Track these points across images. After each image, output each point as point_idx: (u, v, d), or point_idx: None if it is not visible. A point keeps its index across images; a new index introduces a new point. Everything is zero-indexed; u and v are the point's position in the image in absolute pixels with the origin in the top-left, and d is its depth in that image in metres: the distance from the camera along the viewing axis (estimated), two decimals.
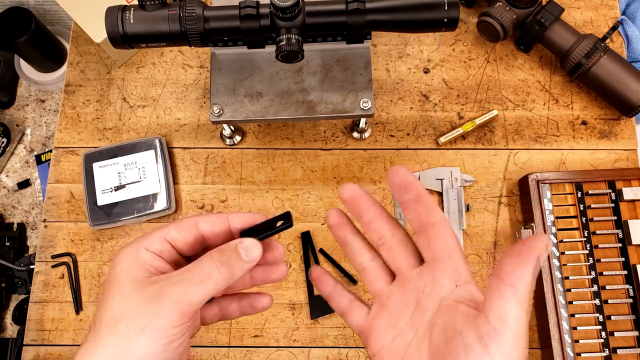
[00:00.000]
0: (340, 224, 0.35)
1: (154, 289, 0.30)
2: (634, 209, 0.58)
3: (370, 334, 0.33)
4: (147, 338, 0.29)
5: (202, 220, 0.33)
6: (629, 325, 0.55)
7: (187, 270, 0.31)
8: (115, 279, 0.31)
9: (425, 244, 0.31)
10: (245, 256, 0.31)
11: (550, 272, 0.56)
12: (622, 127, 0.65)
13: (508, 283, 0.26)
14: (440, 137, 0.64)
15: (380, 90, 0.67)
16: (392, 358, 0.31)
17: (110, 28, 0.48)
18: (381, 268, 0.34)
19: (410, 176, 0.31)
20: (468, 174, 0.64)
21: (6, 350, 1.09)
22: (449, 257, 0.30)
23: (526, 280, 0.26)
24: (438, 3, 0.47)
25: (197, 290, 0.30)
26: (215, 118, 0.55)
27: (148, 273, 0.31)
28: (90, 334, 0.30)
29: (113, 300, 0.30)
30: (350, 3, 0.48)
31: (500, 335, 0.27)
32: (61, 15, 1.25)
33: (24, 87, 1.31)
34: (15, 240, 1.15)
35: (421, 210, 0.31)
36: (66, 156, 0.66)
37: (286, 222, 0.33)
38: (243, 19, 0.48)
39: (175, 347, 0.30)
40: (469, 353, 0.27)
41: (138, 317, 0.29)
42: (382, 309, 0.33)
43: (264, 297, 0.37)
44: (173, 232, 0.33)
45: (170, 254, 0.33)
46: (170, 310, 0.29)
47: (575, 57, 0.61)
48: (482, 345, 0.27)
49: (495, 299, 0.27)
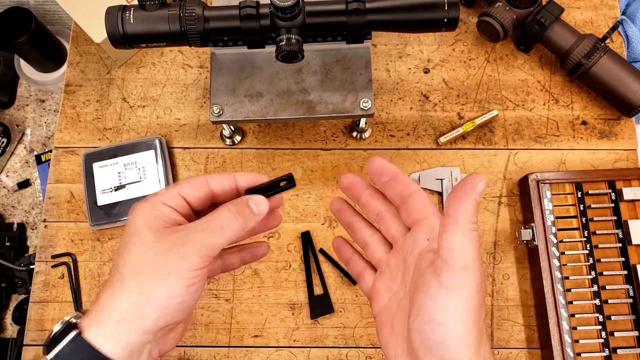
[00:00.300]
0: (342, 209, 0.41)
1: (175, 237, 0.33)
2: (634, 209, 0.58)
3: (372, 298, 0.37)
4: (172, 280, 0.32)
5: (212, 179, 0.37)
6: (629, 325, 0.55)
7: (206, 221, 0.34)
8: (134, 230, 0.34)
9: (406, 213, 0.36)
10: (256, 209, 0.36)
11: (550, 272, 0.56)
12: (622, 127, 0.65)
13: (448, 215, 0.30)
14: (440, 137, 0.64)
15: (380, 90, 0.67)
16: (388, 316, 0.35)
17: (110, 28, 0.48)
18: (380, 241, 0.38)
19: (385, 162, 0.36)
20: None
21: (6, 350, 1.09)
22: (426, 218, 0.35)
23: (465, 210, 0.29)
24: (438, 3, 0.47)
25: (217, 236, 0.34)
26: (215, 118, 0.55)
27: (166, 224, 0.34)
28: (114, 278, 0.33)
29: (136, 248, 0.33)
30: (350, 3, 0.48)
31: (449, 264, 0.29)
32: (61, 15, 1.25)
33: (24, 87, 1.31)
34: (15, 240, 1.15)
35: (398, 186, 0.36)
36: (66, 156, 0.66)
37: (289, 182, 0.37)
38: (243, 19, 0.48)
39: (194, 290, 0.33)
40: (427, 288, 0.30)
41: (163, 262, 0.32)
42: (381, 274, 0.37)
43: (261, 245, 0.42)
44: (187, 189, 0.36)
45: (184, 209, 0.36)
46: (194, 253, 0.32)
47: (575, 57, 0.61)
48: (436, 277, 0.30)
49: (441, 234, 0.30)
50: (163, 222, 0.34)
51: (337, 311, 0.60)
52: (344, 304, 0.60)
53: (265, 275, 0.61)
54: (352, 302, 0.60)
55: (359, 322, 0.60)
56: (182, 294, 0.33)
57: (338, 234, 0.62)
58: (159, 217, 0.34)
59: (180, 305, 0.33)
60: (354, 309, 0.60)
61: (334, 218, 0.63)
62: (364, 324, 0.60)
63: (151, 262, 0.32)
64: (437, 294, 0.29)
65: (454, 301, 0.29)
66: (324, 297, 0.60)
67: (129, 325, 0.31)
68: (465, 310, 0.29)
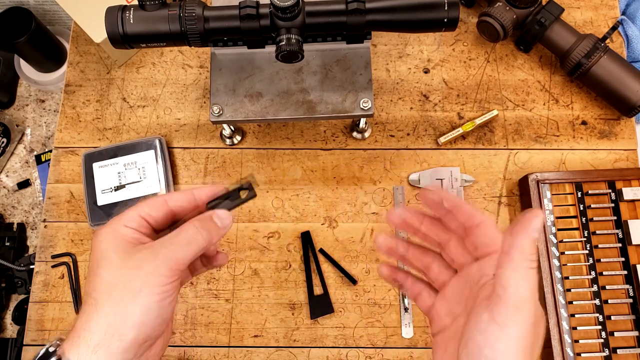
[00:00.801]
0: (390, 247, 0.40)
1: (143, 254, 0.34)
2: (634, 209, 0.58)
3: (432, 318, 0.38)
4: (144, 297, 0.33)
5: (170, 198, 0.38)
6: (629, 325, 0.55)
7: (172, 237, 0.36)
8: (100, 254, 0.35)
9: (473, 245, 0.35)
10: (220, 223, 0.37)
11: (550, 272, 0.56)
12: (622, 127, 0.66)
13: (504, 252, 0.30)
14: (440, 137, 0.64)
15: (380, 90, 0.67)
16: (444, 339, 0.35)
17: (110, 28, 0.48)
18: (443, 264, 0.38)
19: (444, 192, 0.36)
20: (468, 174, 0.64)
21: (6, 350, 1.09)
22: (495, 252, 0.34)
23: (520, 247, 0.29)
24: (438, 3, 0.47)
25: (185, 250, 0.35)
26: (216, 118, 0.55)
27: (131, 245, 0.35)
28: (87, 304, 0.34)
29: (104, 271, 0.34)
30: (350, 3, 0.48)
31: (503, 301, 0.29)
32: (61, 15, 1.25)
33: (24, 87, 1.31)
34: (15, 240, 1.15)
35: (462, 216, 0.35)
36: (66, 156, 0.66)
37: (250, 191, 0.38)
38: (243, 19, 0.48)
39: (168, 303, 0.34)
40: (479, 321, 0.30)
41: (134, 280, 0.33)
42: (443, 297, 0.37)
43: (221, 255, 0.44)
44: (146, 209, 0.37)
45: (145, 229, 0.37)
46: (164, 268, 0.34)
47: (575, 57, 0.61)
48: (489, 312, 0.29)
49: (497, 270, 0.30)
50: (127, 243, 0.35)
51: (337, 311, 0.60)
52: (344, 304, 0.60)
53: (265, 275, 0.61)
54: (352, 302, 0.60)
55: (359, 322, 0.60)
56: (157, 309, 0.33)
57: (338, 233, 0.62)
58: (122, 239, 0.35)
59: (157, 320, 0.34)
60: (354, 309, 0.60)
61: (334, 218, 0.63)
62: (364, 324, 0.60)
63: (122, 282, 0.33)
64: (487, 329, 0.29)
65: (504, 338, 0.29)
66: (324, 297, 0.60)
67: (107, 348, 0.32)
68: (514, 349, 0.29)
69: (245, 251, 0.62)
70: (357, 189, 0.64)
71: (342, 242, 0.62)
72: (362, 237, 0.62)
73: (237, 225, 0.63)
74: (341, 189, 0.64)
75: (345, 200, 0.63)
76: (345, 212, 0.63)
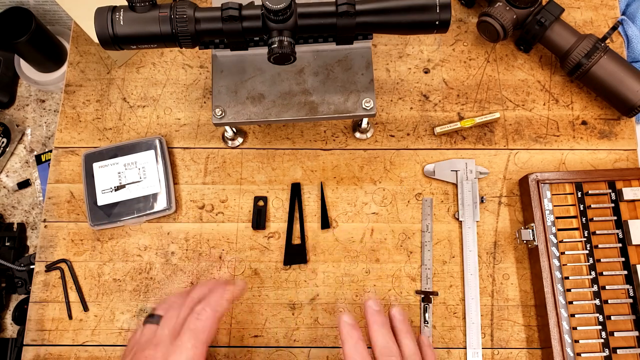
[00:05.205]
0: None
1: None
2: (634, 209, 0.58)
3: None
4: None
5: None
6: (629, 325, 0.55)
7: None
8: None
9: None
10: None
11: (550, 272, 0.56)
12: (622, 127, 0.66)
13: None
14: (437, 127, 0.64)
15: (380, 90, 0.67)
16: None
17: (99, 29, 0.47)
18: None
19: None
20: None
21: (6, 350, 1.09)
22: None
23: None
24: (429, 5, 0.47)
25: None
26: (218, 120, 0.55)
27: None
28: None
29: None
30: (340, 5, 0.47)
31: None
32: (61, 15, 1.25)
33: (24, 87, 1.31)
34: (15, 240, 1.15)
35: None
36: (66, 156, 0.66)
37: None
38: (225, 20, 0.47)
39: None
40: None
41: None
42: None
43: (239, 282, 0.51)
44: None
45: None
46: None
47: (575, 57, 0.61)
48: None
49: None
50: None
51: (337, 311, 0.60)
52: (344, 304, 0.60)
53: (265, 275, 0.61)
54: (352, 302, 0.60)
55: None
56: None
57: (338, 233, 0.62)
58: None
59: None
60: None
61: (334, 218, 0.63)
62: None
63: None
64: None
65: None
66: (301, 247, 0.61)
67: None
68: None
69: (245, 251, 0.62)
70: (357, 189, 0.64)
71: (342, 242, 0.62)
72: (362, 237, 0.62)
73: (237, 225, 0.63)
74: (341, 189, 0.64)
75: (345, 200, 0.63)
76: (345, 212, 0.63)
